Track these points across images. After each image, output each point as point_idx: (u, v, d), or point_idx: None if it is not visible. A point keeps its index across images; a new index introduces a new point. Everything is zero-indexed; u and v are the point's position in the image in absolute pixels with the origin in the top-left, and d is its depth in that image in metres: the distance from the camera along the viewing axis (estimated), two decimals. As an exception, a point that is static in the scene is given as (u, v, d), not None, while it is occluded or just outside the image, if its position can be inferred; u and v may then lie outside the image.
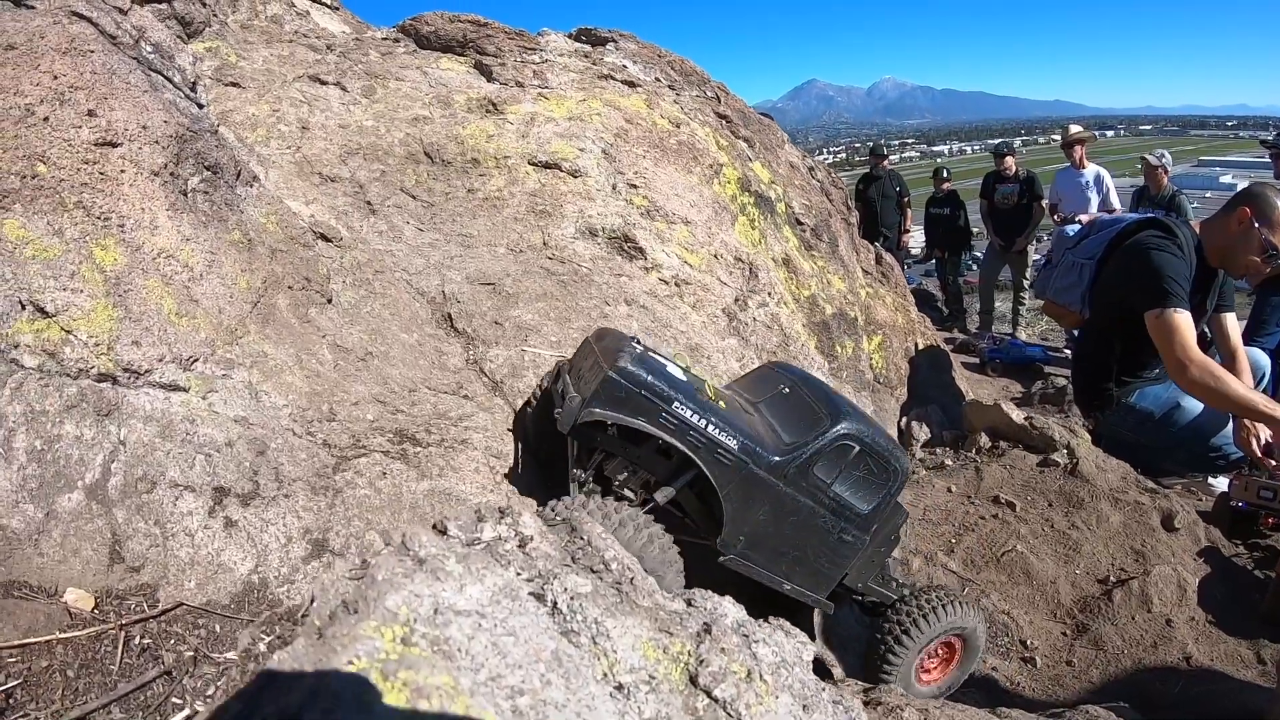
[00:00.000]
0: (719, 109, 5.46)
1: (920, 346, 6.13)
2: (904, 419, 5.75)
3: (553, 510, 2.08)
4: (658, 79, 5.29)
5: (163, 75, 3.38)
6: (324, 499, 2.88)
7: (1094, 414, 5.23)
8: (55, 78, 3.01)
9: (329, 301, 3.55)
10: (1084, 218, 7.14)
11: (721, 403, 2.78)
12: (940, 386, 6.29)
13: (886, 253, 6.67)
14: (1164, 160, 6.95)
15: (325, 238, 3.70)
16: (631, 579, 1.71)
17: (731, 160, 5.14)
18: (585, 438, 2.80)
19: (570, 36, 5.44)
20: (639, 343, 2.88)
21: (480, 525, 1.69)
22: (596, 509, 2.62)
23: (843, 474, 2.72)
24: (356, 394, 3.28)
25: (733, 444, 2.62)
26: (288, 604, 2.70)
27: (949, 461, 4.93)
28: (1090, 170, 7.47)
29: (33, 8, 3.17)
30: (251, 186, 3.56)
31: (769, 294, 4.71)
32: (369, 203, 4.18)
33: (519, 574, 1.51)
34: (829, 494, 2.73)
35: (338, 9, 5.40)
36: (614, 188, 4.54)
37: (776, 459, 2.66)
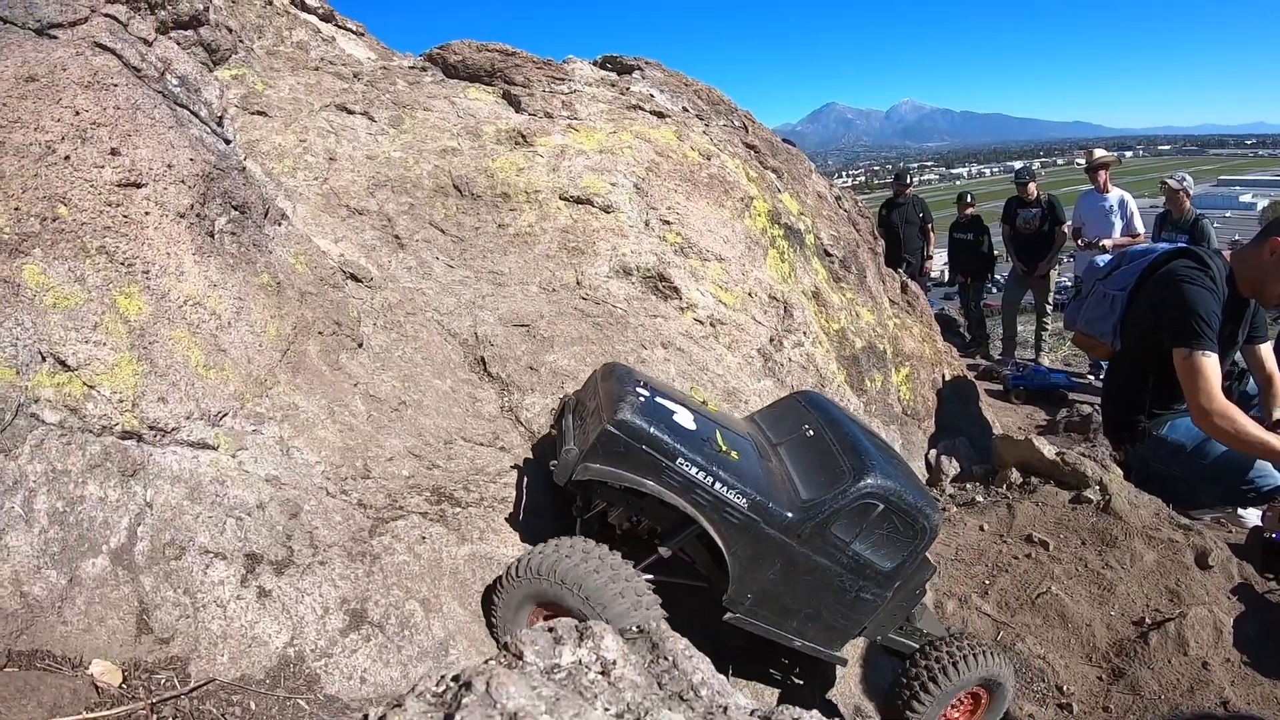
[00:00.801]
0: (747, 139, 5.30)
1: (947, 377, 5.97)
2: (932, 452, 5.58)
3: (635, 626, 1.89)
4: (685, 108, 5.13)
5: (188, 109, 3.18)
6: (361, 566, 2.66)
7: (1124, 446, 5.09)
8: (77, 113, 2.80)
9: (359, 346, 3.35)
10: (1107, 242, 7.00)
11: (734, 453, 2.59)
12: (967, 418, 6.13)
13: (910, 280, 6.51)
14: (1185, 183, 6.79)
15: (355, 278, 3.50)
16: (725, 708, 1.53)
17: (761, 192, 4.97)
18: (585, 487, 2.62)
19: (595, 64, 5.28)
20: (645, 386, 2.69)
21: (558, 648, 1.50)
22: (558, 546, 2.47)
23: (864, 533, 2.52)
24: (391, 448, 3.07)
25: (741, 503, 2.43)
26: (325, 679, 2.48)
27: (980, 498, 4.81)
28: (1114, 194, 7.31)
29: (55, 38, 2.97)
30: (280, 225, 3.35)
31: (804, 333, 4.53)
32: (397, 236, 3.98)
33: (606, 709, 1.33)
34: (848, 553, 2.53)
35: (363, 35, 5.22)
36: (647, 224, 4.36)
37: (790, 517, 2.47)
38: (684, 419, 2.61)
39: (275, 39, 4.40)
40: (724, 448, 2.59)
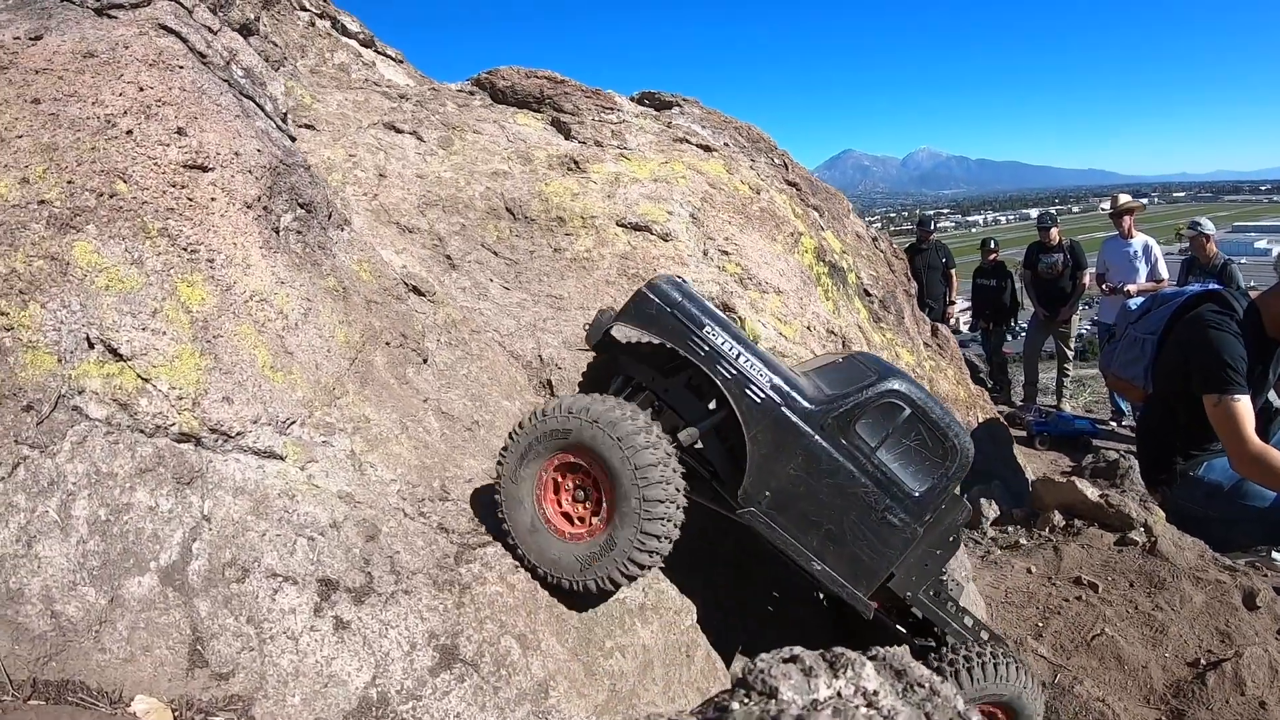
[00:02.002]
0: (788, 176, 5.17)
1: (980, 420, 5.76)
2: (965, 495, 5.35)
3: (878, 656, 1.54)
4: (726, 144, 5.00)
5: (254, 101, 2.90)
6: (450, 596, 2.24)
7: (1160, 488, 4.92)
8: (141, 89, 2.50)
9: (424, 361, 2.99)
10: (1132, 287, 6.89)
11: (761, 346, 2.47)
12: (1001, 461, 5.91)
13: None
14: (1201, 228, 6.74)
15: (418, 291, 3.18)
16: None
17: (807, 229, 4.80)
18: (616, 360, 2.53)
19: (633, 99, 5.15)
20: (684, 280, 2.56)
21: (812, 681, 1.16)
22: (591, 396, 2.28)
23: (890, 439, 2.33)
24: (469, 469, 2.69)
25: (764, 380, 2.30)
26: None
27: (1023, 540, 4.69)
28: (1138, 240, 7.23)
29: (114, 18, 2.68)
30: (343, 230, 3.04)
31: None
32: (449, 257, 3.69)
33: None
34: (873, 460, 2.32)
35: (401, 62, 5.06)
36: (705, 253, 4.13)
37: (813, 407, 2.31)
38: (719, 309, 2.52)
39: (318, 59, 4.19)
40: (753, 339, 2.48)
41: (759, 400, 2.29)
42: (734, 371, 2.30)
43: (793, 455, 2.30)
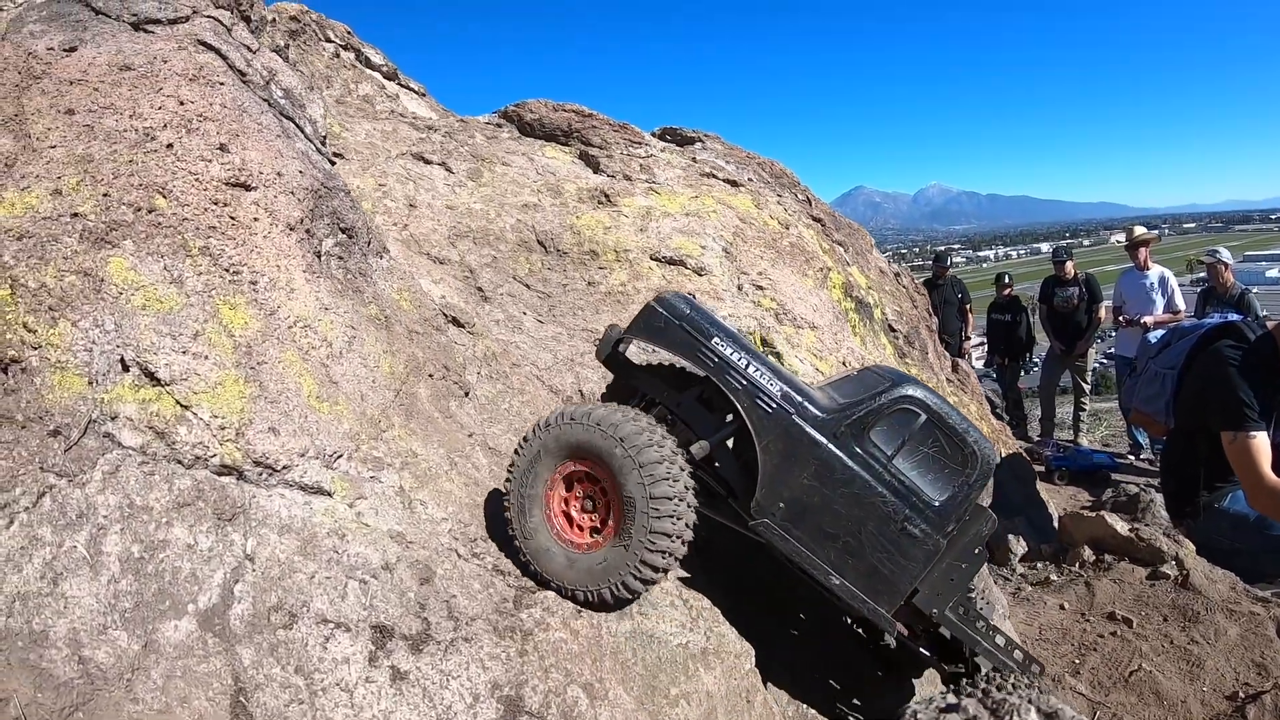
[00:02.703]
0: (812, 212, 5.08)
1: (1003, 455, 5.65)
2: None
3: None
4: (751, 179, 4.92)
5: (294, 123, 2.76)
6: (512, 644, 2.01)
7: (1185, 522, 4.77)
8: (181, 103, 2.35)
9: (466, 394, 2.80)
10: (1149, 319, 6.78)
11: (771, 357, 2.44)
12: (1024, 497, 5.77)
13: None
14: (1219, 255, 6.66)
15: (457, 322, 3.01)
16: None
17: (835, 264, 4.70)
18: (630, 377, 2.52)
19: (655, 135, 5.08)
20: (693, 297, 2.58)
21: None
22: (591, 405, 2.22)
23: (907, 447, 2.24)
24: (521, 505, 2.48)
25: (775, 389, 2.25)
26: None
27: (1054, 576, 4.65)
28: (1154, 271, 7.10)
29: (152, 33, 2.55)
30: (381, 258, 2.87)
31: None
32: (480, 289, 3.53)
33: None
34: (890, 469, 2.23)
35: (424, 95, 4.97)
36: (740, 288, 4.00)
37: (825, 416, 2.24)
38: (730, 324, 2.49)
39: (343, 90, 4.09)
40: (762, 349, 2.39)
41: (770, 410, 2.23)
42: (744, 381, 2.25)
43: (806, 464, 2.21)
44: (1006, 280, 8.98)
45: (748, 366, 2.26)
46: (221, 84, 2.50)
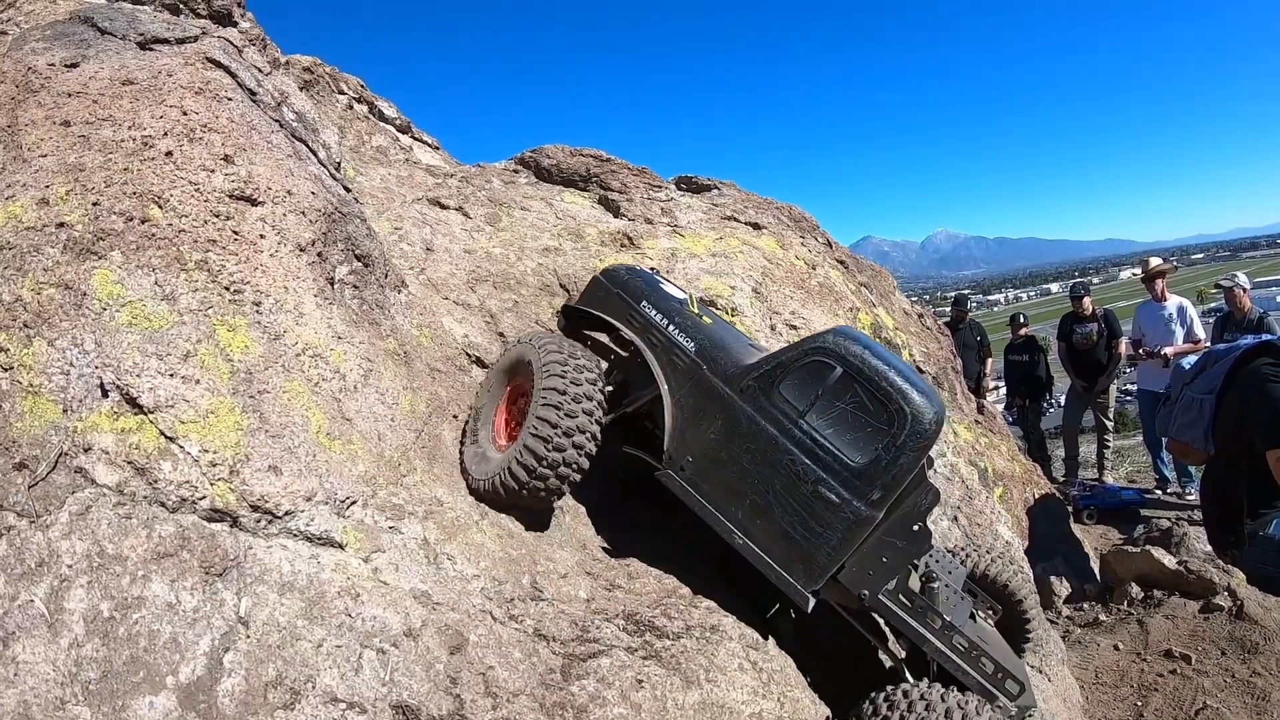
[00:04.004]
0: (835, 255, 4.85)
1: (1037, 496, 5.32)
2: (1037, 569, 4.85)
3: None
4: (772, 222, 4.71)
5: (307, 145, 2.51)
6: (564, 726, 1.62)
7: (1230, 551, 4.54)
8: (185, 114, 2.10)
9: (492, 438, 2.47)
10: (1169, 351, 6.53)
11: (706, 319, 2.42)
12: (1058, 537, 5.40)
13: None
14: (1238, 280, 6.50)
15: (481, 363, 2.70)
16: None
17: (862, 304, 4.44)
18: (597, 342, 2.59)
19: (670, 183, 4.89)
20: (652, 271, 2.66)
21: None
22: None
23: (821, 402, 2.03)
24: (561, 562, 2.10)
25: (689, 346, 2.25)
26: None
27: (1103, 616, 4.50)
28: (1172, 302, 6.86)
29: (157, 51, 2.33)
30: (399, 292, 2.59)
31: (945, 443, 3.84)
32: (501, 334, 3.23)
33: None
34: (801, 426, 2.03)
35: (438, 149, 4.80)
36: (773, 328, 3.72)
37: (735, 370, 2.15)
38: (672, 290, 2.56)
39: (356, 140, 3.90)
40: (696, 312, 2.42)
41: (683, 364, 2.21)
42: (662, 339, 2.27)
43: (713, 419, 2.12)
44: (1022, 320, 8.71)
45: (668, 326, 2.30)
46: (230, 99, 2.26)
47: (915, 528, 2.03)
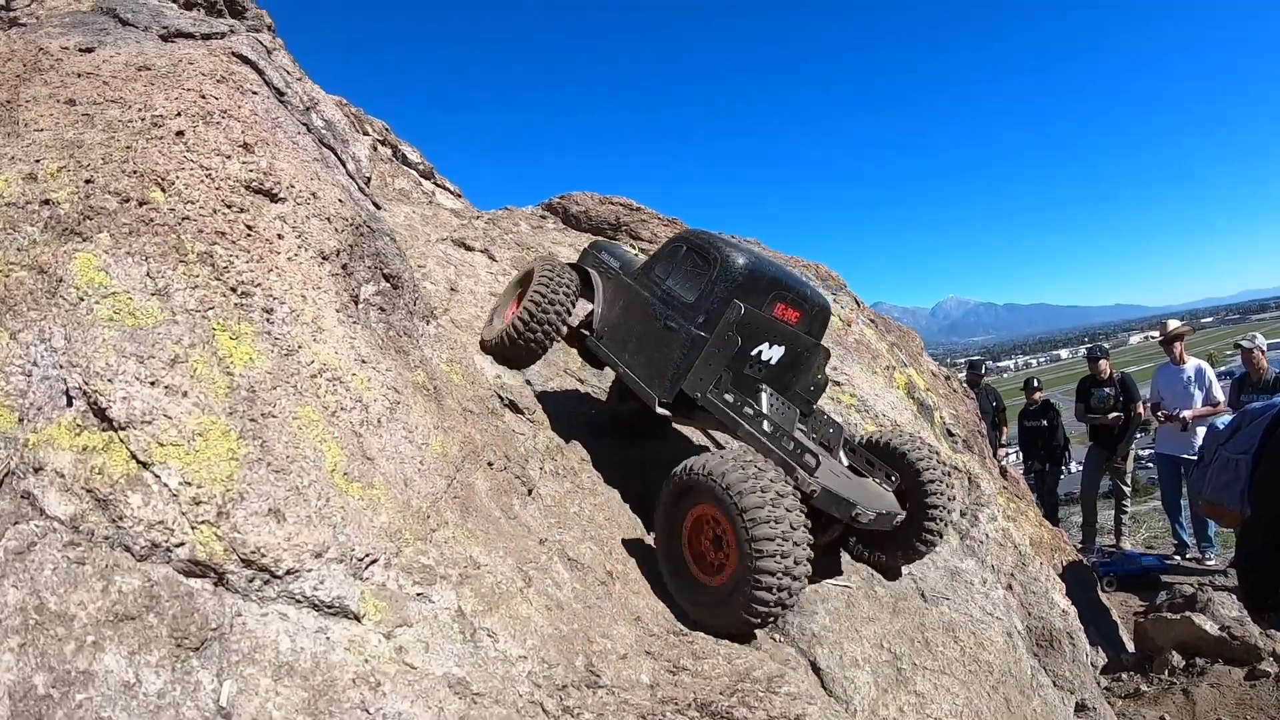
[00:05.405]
0: (865, 313, 4.60)
1: (1065, 564, 5.01)
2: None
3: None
4: (800, 277, 4.47)
5: (335, 154, 2.21)
6: None
7: (1268, 614, 4.35)
8: (203, 97, 1.80)
9: (529, 492, 2.07)
10: (1188, 414, 6.24)
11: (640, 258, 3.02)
12: (1087, 605, 5.00)
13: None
14: (1257, 342, 6.32)
15: (515, 407, 2.34)
16: None
17: (896, 363, 4.16)
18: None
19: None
20: (622, 247, 3.20)
21: None
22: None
23: (674, 270, 2.71)
24: (618, 639, 1.68)
25: (615, 264, 2.97)
26: None
27: (1144, 687, 4.26)
28: (1191, 364, 6.62)
29: (177, 44, 2.05)
30: (429, 323, 2.25)
31: (995, 505, 3.53)
32: (529, 382, 2.88)
33: None
34: (662, 287, 2.72)
35: (460, 196, 4.53)
36: (817, 385, 3.41)
37: (635, 269, 2.89)
38: (627, 251, 3.12)
39: (380, 182, 3.63)
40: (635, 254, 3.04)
41: (610, 275, 2.94)
42: (603, 267, 2.99)
43: (620, 299, 2.84)
44: (1036, 384, 8.45)
45: (611, 262, 2.98)
46: (255, 93, 1.97)
47: (726, 336, 2.50)
